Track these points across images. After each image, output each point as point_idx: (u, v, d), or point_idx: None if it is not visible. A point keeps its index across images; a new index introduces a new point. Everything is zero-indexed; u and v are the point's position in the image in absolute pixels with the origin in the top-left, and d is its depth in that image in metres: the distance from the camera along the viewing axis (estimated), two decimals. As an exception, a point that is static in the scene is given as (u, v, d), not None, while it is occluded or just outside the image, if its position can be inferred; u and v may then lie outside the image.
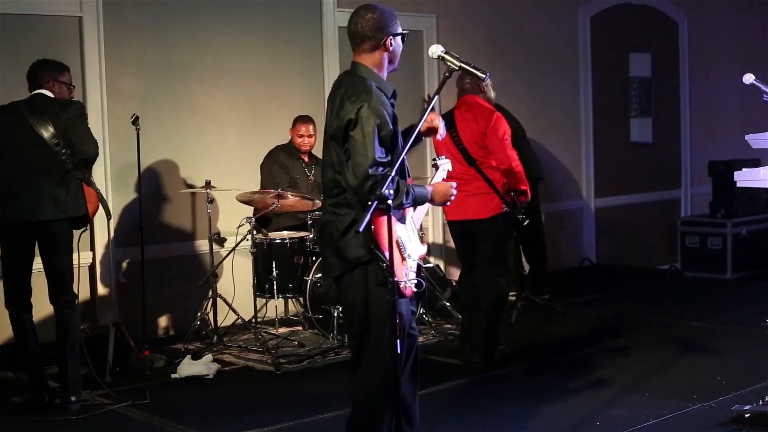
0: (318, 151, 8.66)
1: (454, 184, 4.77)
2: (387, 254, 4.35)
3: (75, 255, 7.83)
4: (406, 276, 4.48)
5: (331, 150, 4.57)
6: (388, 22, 4.62)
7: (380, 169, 4.34)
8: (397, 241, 4.42)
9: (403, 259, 4.50)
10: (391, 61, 4.68)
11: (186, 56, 8.56)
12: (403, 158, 4.50)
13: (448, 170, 5.21)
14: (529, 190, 7.24)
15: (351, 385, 4.76)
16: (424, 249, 4.80)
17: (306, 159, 8.48)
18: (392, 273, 4.26)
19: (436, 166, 5.07)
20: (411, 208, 4.67)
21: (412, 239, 4.68)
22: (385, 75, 4.68)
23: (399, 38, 4.68)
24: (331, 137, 4.58)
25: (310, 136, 8.39)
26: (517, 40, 10.88)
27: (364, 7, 4.65)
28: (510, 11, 10.83)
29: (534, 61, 10.84)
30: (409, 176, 4.75)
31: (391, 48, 4.64)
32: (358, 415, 4.71)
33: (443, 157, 5.28)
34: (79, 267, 7.96)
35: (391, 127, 4.47)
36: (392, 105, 4.66)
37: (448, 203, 4.80)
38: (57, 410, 6.24)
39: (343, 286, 4.67)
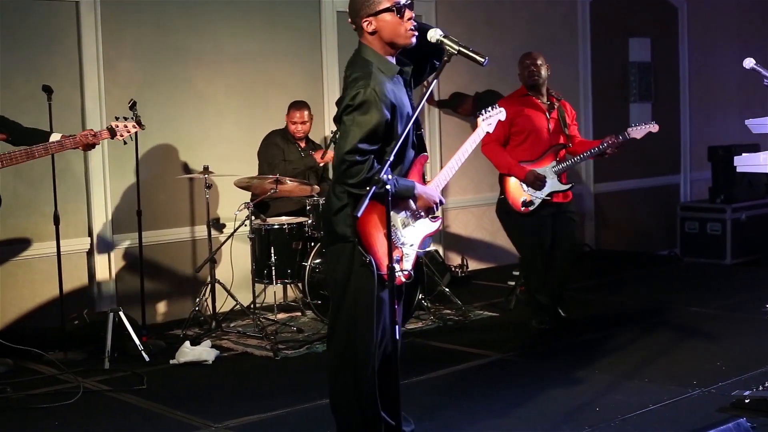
0: (314, 136, 8.71)
1: (439, 199, 4.71)
2: (376, 246, 4.36)
3: (71, 241, 7.88)
4: (398, 265, 4.46)
5: None
6: (363, 4, 4.48)
7: (358, 156, 4.33)
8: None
9: (395, 247, 4.48)
10: (387, 41, 4.51)
11: (184, 41, 8.53)
12: (412, 137, 4.55)
13: (500, 120, 5.19)
14: (516, 174, 7.58)
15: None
16: (433, 227, 4.76)
17: (302, 144, 8.46)
18: (378, 267, 4.38)
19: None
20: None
21: (415, 223, 4.65)
22: (391, 55, 4.56)
23: (386, 14, 4.46)
24: (335, 119, 4.59)
25: (303, 123, 8.36)
26: (516, 24, 10.85)
27: None
28: (509, -4, 10.83)
29: (533, 46, 10.73)
30: (425, 151, 4.75)
31: (372, 29, 4.49)
32: (332, 394, 4.79)
33: (493, 107, 5.25)
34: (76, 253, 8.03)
35: (388, 115, 4.41)
36: (404, 81, 4.62)
37: (431, 214, 4.76)
38: (56, 397, 6.24)
39: (329, 261, 4.73)
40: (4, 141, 6.42)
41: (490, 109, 5.26)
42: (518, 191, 7.56)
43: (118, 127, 6.63)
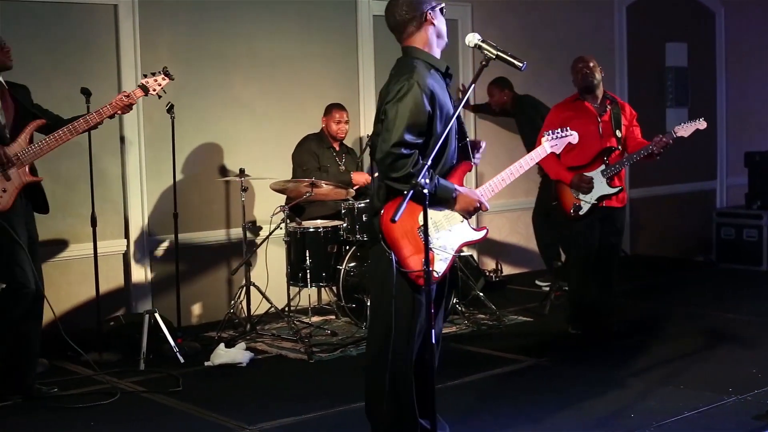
0: (349, 139, 8.73)
1: (480, 202, 4.73)
2: (399, 244, 4.40)
3: (108, 243, 7.93)
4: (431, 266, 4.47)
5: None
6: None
7: (404, 149, 4.35)
8: (417, 231, 4.43)
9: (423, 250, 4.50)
10: (439, 36, 4.68)
11: (220, 44, 8.57)
12: (453, 143, 4.65)
13: (571, 142, 5.29)
14: (563, 179, 7.51)
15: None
16: (474, 236, 4.77)
17: (337, 147, 8.49)
18: (397, 263, 4.45)
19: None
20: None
21: (453, 228, 4.65)
22: (437, 52, 4.69)
23: (438, 10, 4.68)
24: (380, 120, 4.63)
25: (346, 123, 8.43)
26: (551, 29, 10.83)
27: None
28: (545, 0, 10.78)
29: (569, 51, 10.73)
30: (469, 159, 4.80)
31: (435, 21, 4.64)
32: (367, 396, 4.83)
33: (564, 129, 5.29)
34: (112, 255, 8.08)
35: (429, 107, 4.45)
36: (447, 84, 4.68)
37: (468, 217, 4.76)
38: (92, 398, 6.29)
39: (371, 261, 4.81)
40: (42, 126, 6.37)
41: (559, 130, 5.27)
42: (570, 197, 7.49)
43: (148, 83, 6.58)
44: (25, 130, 6.14)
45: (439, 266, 4.59)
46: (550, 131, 5.29)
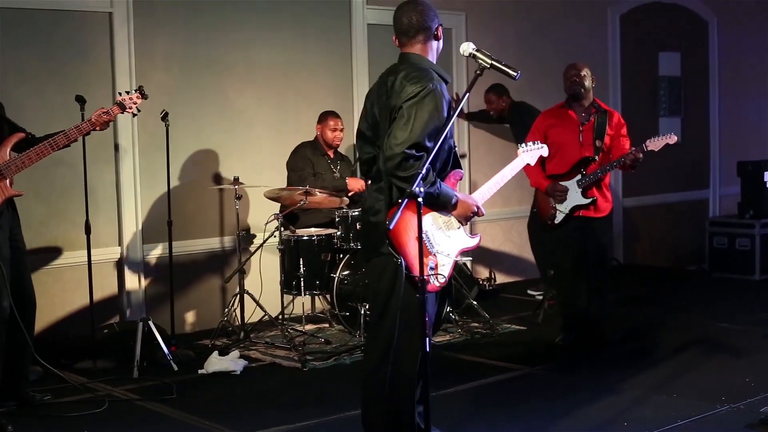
0: (344, 148, 8.74)
1: (478, 206, 4.74)
2: (407, 248, 4.39)
3: (102, 250, 7.92)
4: (433, 271, 4.48)
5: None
6: (435, 12, 4.71)
7: (416, 151, 4.34)
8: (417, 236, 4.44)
9: (429, 253, 4.50)
10: (437, 50, 4.75)
11: (215, 52, 8.58)
12: (453, 150, 4.66)
13: (542, 155, 5.30)
14: (539, 186, 7.55)
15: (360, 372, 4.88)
16: (470, 242, 4.78)
17: (331, 155, 8.50)
18: (410, 268, 4.41)
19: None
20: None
21: (451, 234, 4.66)
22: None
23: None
24: (376, 120, 4.65)
25: (341, 130, 8.44)
26: (545, 38, 10.85)
27: (409, 2, 4.68)
28: (539, 9, 10.81)
29: (562, 60, 10.74)
30: (460, 168, 4.81)
31: (440, 36, 4.73)
32: (365, 406, 4.81)
33: (535, 142, 5.32)
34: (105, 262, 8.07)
35: (445, 116, 4.47)
36: None
37: (465, 222, 4.77)
38: (85, 406, 6.28)
39: (372, 272, 4.75)
40: (21, 141, 6.33)
41: (531, 143, 5.31)
42: (547, 205, 7.51)
43: (125, 100, 6.58)
44: (6, 143, 6.07)
45: (444, 271, 4.60)
46: (525, 144, 5.34)
